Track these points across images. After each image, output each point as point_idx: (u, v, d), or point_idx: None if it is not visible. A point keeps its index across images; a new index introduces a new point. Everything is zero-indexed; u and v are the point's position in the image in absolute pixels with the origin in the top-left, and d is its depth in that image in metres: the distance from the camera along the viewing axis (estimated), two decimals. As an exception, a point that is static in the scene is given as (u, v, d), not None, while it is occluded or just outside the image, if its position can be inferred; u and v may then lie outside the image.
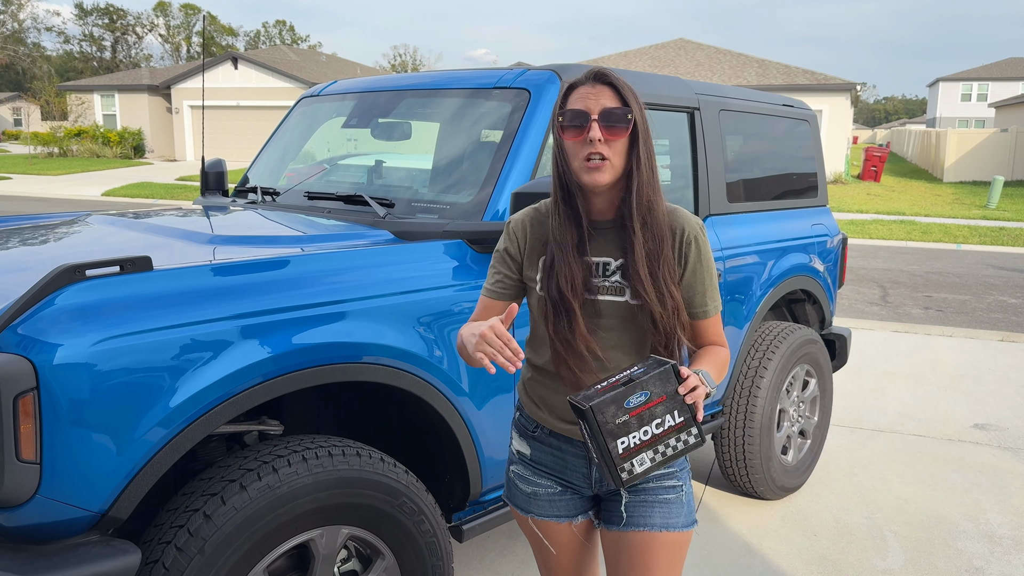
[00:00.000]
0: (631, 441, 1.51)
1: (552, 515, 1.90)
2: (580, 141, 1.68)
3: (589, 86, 1.70)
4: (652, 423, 1.51)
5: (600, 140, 1.65)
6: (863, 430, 5.00)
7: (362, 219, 2.78)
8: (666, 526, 1.80)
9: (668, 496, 1.82)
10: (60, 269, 1.78)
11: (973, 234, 14.92)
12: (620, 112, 1.67)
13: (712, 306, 1.80)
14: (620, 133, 1.67)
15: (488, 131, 2.89)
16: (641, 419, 1.51)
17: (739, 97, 3.78)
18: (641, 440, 1.51)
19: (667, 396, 1.51)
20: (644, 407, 1.51)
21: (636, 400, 1.50)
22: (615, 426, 1.50)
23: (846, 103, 26.82)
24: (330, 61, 39.09)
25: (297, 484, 2.01)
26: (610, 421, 1.50)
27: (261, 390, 1.99)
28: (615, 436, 1.50)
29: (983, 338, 7.39)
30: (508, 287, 1.86)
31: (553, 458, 1.87)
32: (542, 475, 1.89)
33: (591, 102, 1.67)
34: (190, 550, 1.88)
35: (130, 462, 1.81)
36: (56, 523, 1.76)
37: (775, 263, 3.77)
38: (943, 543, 3.59)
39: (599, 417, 1.49)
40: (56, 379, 1.71)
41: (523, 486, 1.92)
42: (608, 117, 1.66)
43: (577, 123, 1.67)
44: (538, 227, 1.83)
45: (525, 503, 1.92)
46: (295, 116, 3.74)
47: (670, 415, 1.52)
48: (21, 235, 2.72)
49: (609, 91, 1.69)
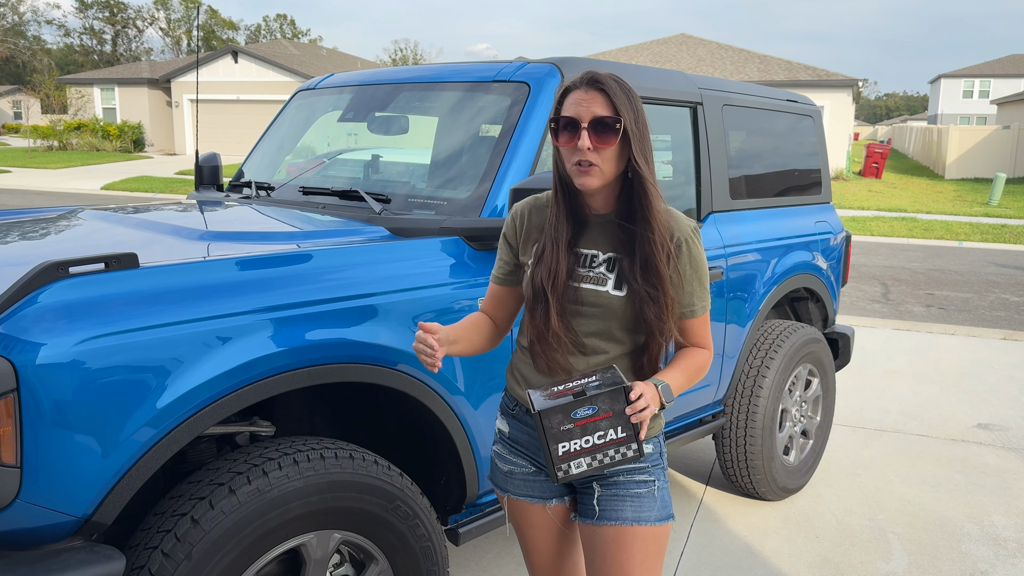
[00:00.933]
0: (572, 446, 1.63)
1: (526, 495, 1.94)
2: (571, 147, 1.72)
3: (583, 91, 1.72)
4: (595, 434, 1.62)
5: (589, 148, 1.69)
6: (865, 430, 4.95)
7: (357, 215, 2.72)
8: (638, 520, 1.81)
9: (639, 490, 1.83)
10: (42, 266, 1.72)
11: (975, 231, 14.85)
12: (610, 121, 1.69)
13: (700, 306, 1.84)
14: (609, 141, 1.70)
15: (487, 125, 2.83)
16: (585, 429, 1.62)
17: (742, 92, 3.71)
18: (581, 447, 1.63)
19: (613, 413, 1.62)
20: (589, 420, 1.62)
21: (583, 412, 1.62)
22: (559, 431, 1.62)
23: (848, 99, 26.74)
24: (331, 55, 38.99)
25: (287, 488, 1.95)
26: (555, 427, 1.62)
27: (251, 391, 1.94)
28: (557, 440, 1.63)
29: (986, 336, 7.34)
30: (509, 272, 1.93)
31: (528, 437, 1.91)
32: (518, 454, 1.93)
33: (582, 109, 1.70)
34: (177, 555, 1.82)
35: (115, 466, 1.75)
36: (37, 528, 1.70)
37: (778, 261, 3.71)
38: (947, 546, 3.54)
39: (545, 422, 1.62)
40: (38, 380, 1.66)
41: (501, 464, 1.97)
42: (598, 126, 1.69)
43: (569, 129, 1.72)
44: (536, 215, 1.89)
45: (502, 481, 1.97)
46: (291, 109, 3.67)
47: (613, 429, 1.62)
48: (8, 230, 2.67)
49: (601, 98, 1.71)
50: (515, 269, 1.92)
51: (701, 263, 1.82)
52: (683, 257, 1.79)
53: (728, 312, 3.44)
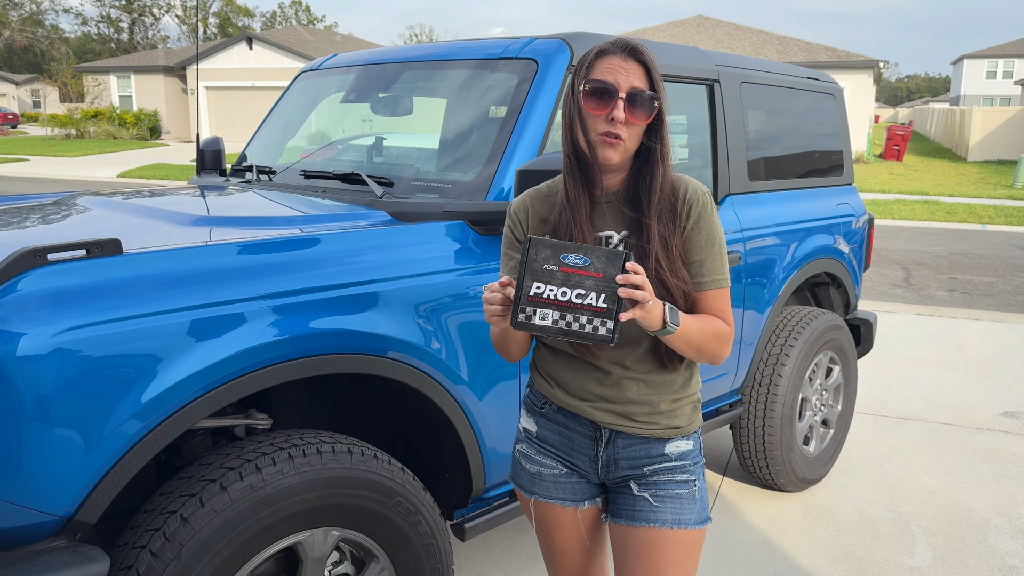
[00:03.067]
0: (547, 291, 1.47)
1: (556, 497, 1.81)
2: (602, 116, 1.60)
3: (621, 58, 1.60)
4: (575, 290, 1.47)
5: (622, 121, 1.58)
6: (888, 418, 4.81)
7: (359, 199, 2.62)
8: (678, 523, 1.71)
9: (680, 491, 1.74)
10: (19, 253, 1.64)
11: (999, 214, 14.56)
12: (648, 97, 1.59)
13: (712, 279, 1.68)
14: (642, 118, 1.60)
15: (493, 104, 2.72)
16: (568, 279, 1.47)
17: (762, 69, 3.57)
18: (556, 297, 1.47)
19: (604, 276, 1.46)
20: (575, 271, 1.46)
21: (573, 260, 1.47)
22: (540, 269, 1.47)
23: (868, 81, 26.32)
24: (345, 41, 38.85)
25: (282, 484, 1.86)
26: (539, 262, 1.47)
27: (242, 383, 1.85)
28: (535, 277, 1.47)
29: (1011, 321, 7.15)
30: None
31: (559, 436, 1.78)
32: (547, 455, 1.80)
33: (621, 77, 1.59)
34: (166, 555, 1.74)
35: (98, 462, 1.67)
36: (17, 528, 1.62)
37: (798, 245, 3.58)
38: (973, 539, 3.42)
39: (531, 251, 1.47)
40: (16, 372, 1.57)
41: (528, 465, 1.83)
42: (635, 99, 1.58)
43: (601, 96, 1.59)
44: (539, 205, 1.76)
45: (529, 483, 1.83)
46: (295, 91, 3.57)
47: (596, 294, 1.46)
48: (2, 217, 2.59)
49: (640, 70, 1.60)
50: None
51: (715, 231, 1.68)
52: (692, 219, 1.67)
53: (746, 298, 3.31)
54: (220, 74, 31.44)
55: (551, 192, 1.75)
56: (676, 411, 1.74)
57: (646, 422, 1.71)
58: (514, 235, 1.77)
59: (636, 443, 1.73)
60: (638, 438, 1.73)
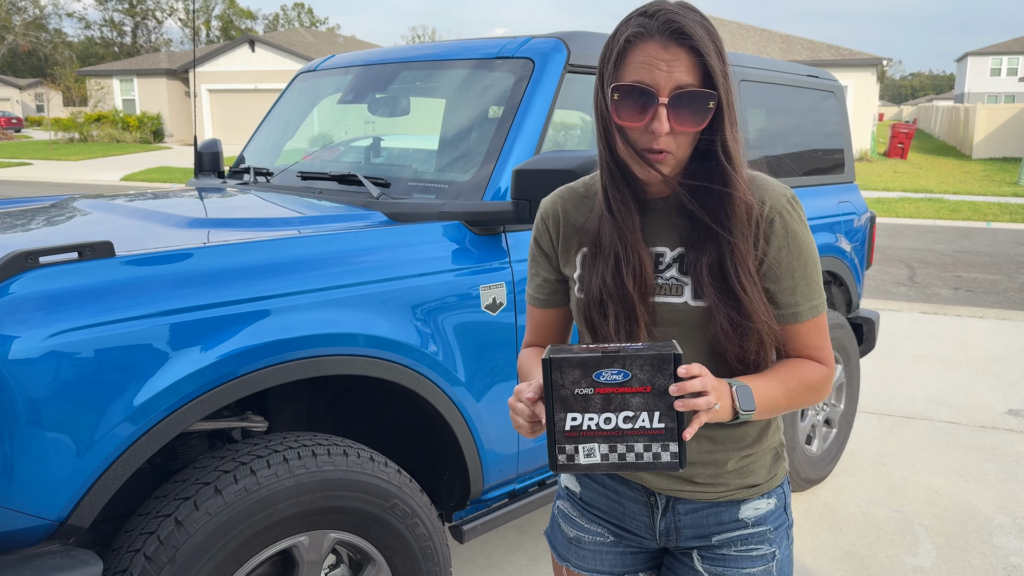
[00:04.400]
0: (586, 422, 1.16)
1: (596, 570, 1.48)
2: (639, 128, 1.22)
3: (660, 45, 1.18)
4: (621, 414, 1.15)
5: (667, 133, 1.21)
6: (891, 417, 4.79)
7: (355, 200, 2.61)
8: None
9: (753, 569, 1.39)
10: (11, 255, 1.63)
11: (1004, 212, 14.50)
12: (701, 97, 1.19)
13: (807, 307, 1.32)
14: (696, 124, 1.21)
15: (490, 104, 2.70)
16: (608, 402, 1.15)
17: (761, 67, 3.56)
18: (600, 427, 1.16)
19: (652, 389, 1.14)
20: (616, 389, 1.15)
21: (610, 377, 1.15)
22: (572, 396, 1.16)
23: (872, 79, 26.25)
24: (348, 43, 38.88)
25: (277, 487, 1.85)
26: (568, 387, 1.15)
27: (236, 385, 1.84)
28: (567, 408, 1.16)
29: (1016, 319, 7.12)
30: (552, 291, 1.46)
31: (608, 501, 1.47)
32: (593, 519, 1.48)
33: (660, 76, 1.18)
34: (160, 559, 1.73)
35: (91, 465, 1.66)
36: (9, 533, 1.61)
37: (799, 243, 3.55)
38: (977, 538, 3.39)
39: (555, 375, 1.15)
40: (8, 375, 1.57)
41: (567, 528, 1.51)
42: (683, 102, 1.19)
43: (637, 103, 1.20)
44: (574, 209, 1.41)
45: (564, 549, 1.52)
46: (292, 92, 3.57)
47: (647, 413, 1.15)
48: None
49: (687, 58, 1.18)
50: (559, 286, 1.45)
51: (806, 246, 1.31)
52: (776, 237, 1.30)
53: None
54: (222, 77, 31.47)
55: (588, 192, 1.41)
56: (750, 467, 1.40)
57: (711, 484, 1.38)
58: (541, 247, 1.44)
59: (702, 508, 1.40)
60: (704, 503, 1.39)
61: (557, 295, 1.46)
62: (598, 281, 1.31)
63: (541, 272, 1.45)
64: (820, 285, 1.34)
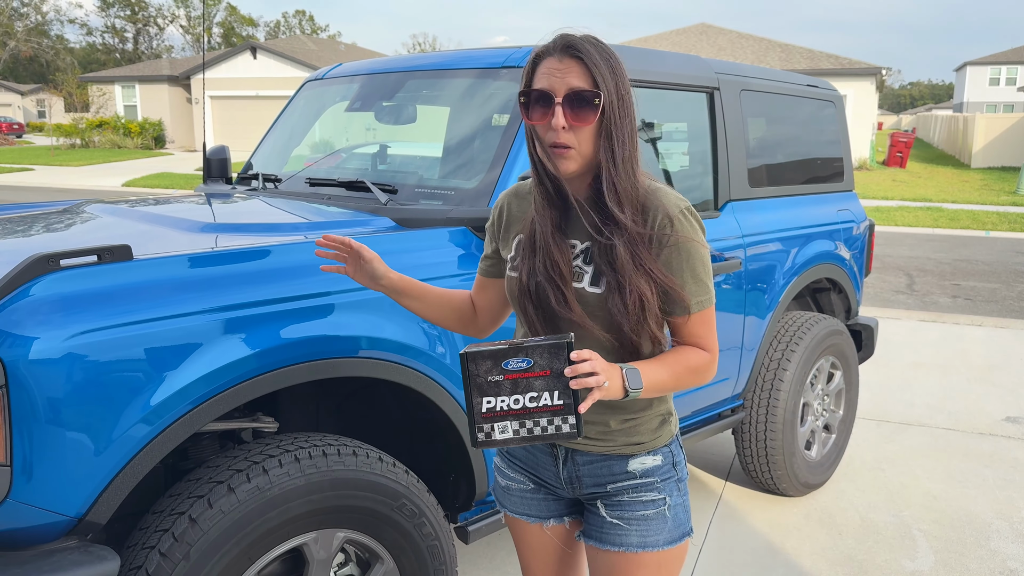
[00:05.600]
0: (498, 404, 1.39)
1: (523, 512, 1.78)
2: (544, 125, 1.49)
3: (556, 60, 1.48)
4: (527, 394, 1.39)
5: (564, 128, 1.47)
6: (890, 423, 4.83)
7: (364, 206, 2.66)
8: (644, 546, 1.63)
9: (646, 512, 1.64)
10: (32, 259, 1.67)
11: (1002, 221, 14.56)
12: (588, 95, 1.46)
13: (694, 302, 1.55)
14: (588, 119, 1.47)
15: (495, 113, 2.75)
16: (516, 385, 1.39)
17: (762, 77, 3.61)
18: (510, 407, 1.39)
19: (551, 372, 1.38)
20: (522, 375, 1.38)
21: (516, 364, 1.38)
22: (486, 383, 1.39)
23: (871, 88, 26.36)
24: (349, 50, 39.02)
25: (288, 486, 1.89)
26: (482, 376, 1.39)
27: (250, 386, 1.88)
28: (483, 393, 1.39)
29: (1014, 328, 7.16)
30: (494, 264, 1.77)
31: (527, 452, 1.75)
32: (516, 469, 1.78)
33: (556, 80, 1.47)
34: (175, 556, 1.77)
35: (108, 464, 1.70)
36: (29, 528, 1.66)
37: (799, 250, 3.61)
38: (975, 543, 3.43)
39: (470, 367, 1.38)
40: (29, 375, 1.61)
41: (499, 478, 1.82)
42: (574, 100, 1.46)
43: (541, 104, 1.48)
44: (517, 205, 1.71)
45: (501, 496, 1.82)
46: (300, 100, 3.62)
47: (549, 393, 1.39)
48: (9, 225, 2.63)
49: (578, 67, 1.47)
50: (497, 262, 1.76)
51: (695, 250, 1.54)
52: (669, 241, 1.52)
53: (747, 303, 3.34)
54: (224, 83, 31.58)
55: (529, 191, 1.66)
56: (634, 428, 1.63)
57: (599, 439, 1.63)
58: (490, 232, 1.76)
59: (596, 460, 1.65)
60: (597, 455, 1.65)
61: (492, 269, 1.78)
62: (527, 267, 1.59)
63: (488, 248, 1.77)
64: (708, 284, 1.57)
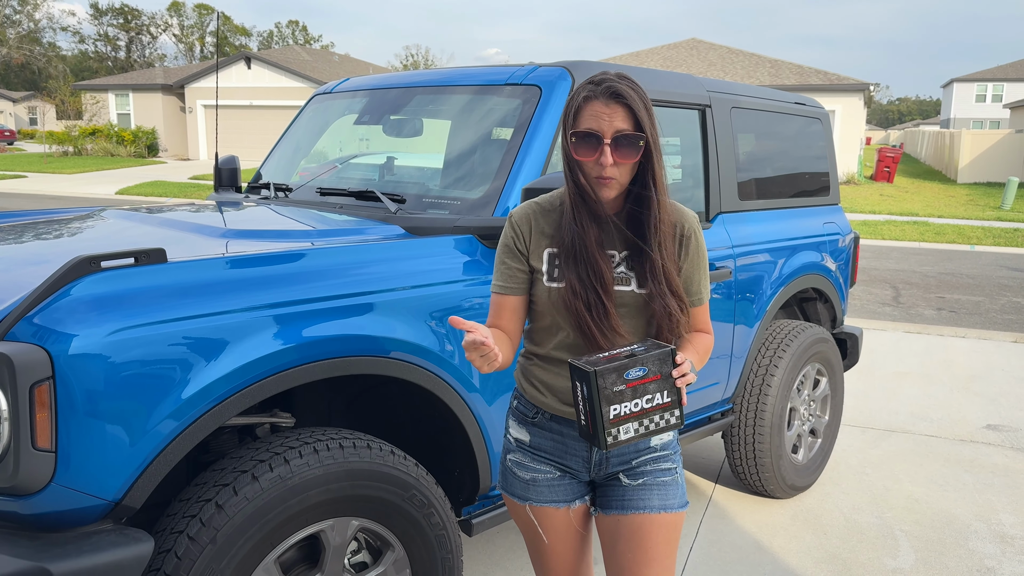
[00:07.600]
0: (623, 409, 1.64)
1: (551, 500, 1.94)
2: (592, 161, 1.73)
3: (603, 104, 1.71)
4: (644, 397, 1.65)
5: (611, 164, 1.71)
6: (874, 430, 4.98)
7: (373, 215, 2.79)
8: (664, 507, 1.88)
9: (665, 479, 1.90)
10: (76, 260, 1.80)
11: (987, 235, 14.82)
12: (633, 138, 1.71)
13: (705, 294, 1.93)
14: (631, 157, 1.72)
15: (499, 127, 2.90)
16: (635, 392, 1.64)
17: (751, 95, 3.77)
18: (631, 411, 1.64)
19: (661, 376, 1.65)
20: (640, 381, 1.64)
21: (635, 374, 1.64)
22: (612, 393, 1.62)
23: (859, 103, 26.69)
24: (342, 61, 39.21)
25: (308, 475, 2.02)
26: (609, 388, 1.62)
27: (272, 382, 2.01)
28: (610, 402, 1.63)
29: (996, 339, 7.35)
30: (520, 280, 1.89)
31: (553, 443, 1.91)
32: (541, 460, 1.93)
33: (604, 124, 1.70)
34: (202, 539, 1.89)
35: (143, 452, 1.82)
36: (71, 511, 1.78)
37: (786, 261, 3.76)
38: (954, 543, 3.58)
39: (600, 382, 1.61)
40: (71, 369, 1.73)
41: (521, 473, 1.94)
42: (620, 142, 1.70)
43: (589, 143, 1.71)
44: (543, 220, 1.87)
45: (523, 490, 1.95)
46: (308, 113, 3.76)
47: (660, 393, 1.66)
48: (36, 229, 2.75)
49: (623, 112, 1.71)
50: (526, 278, 1.89)
51: (705, 254, 1.91)
52: (691, 248, 1.87)
53: (737, 311, 3.49)
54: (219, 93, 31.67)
55: (552, 207, 1.87)
56: None
57: None
58: (515, 246, 1.87)
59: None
60: None
61: (521, 285, 1.90)
62: (572, 277, 1.79)
63: (513, 264, 1.89)
64: (709, 281, 1.96)
